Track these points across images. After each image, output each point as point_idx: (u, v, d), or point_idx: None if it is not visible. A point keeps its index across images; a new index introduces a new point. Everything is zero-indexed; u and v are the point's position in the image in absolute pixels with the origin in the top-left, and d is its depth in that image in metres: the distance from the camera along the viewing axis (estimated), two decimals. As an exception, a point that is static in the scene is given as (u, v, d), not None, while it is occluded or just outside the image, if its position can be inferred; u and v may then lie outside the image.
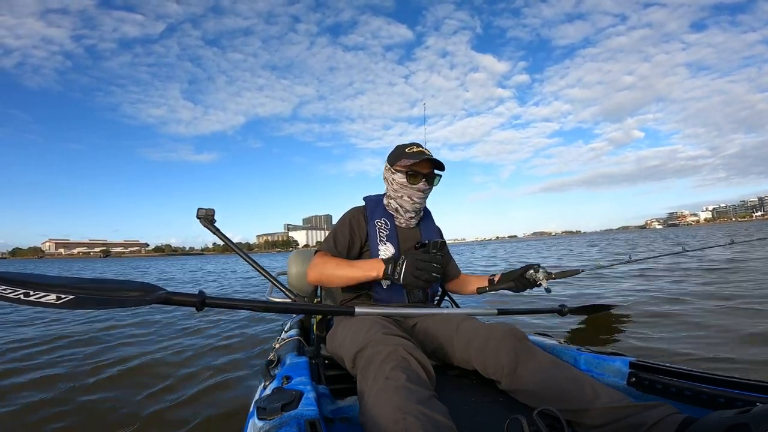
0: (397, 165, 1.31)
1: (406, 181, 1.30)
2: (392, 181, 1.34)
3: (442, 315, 1.22)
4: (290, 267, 1.96)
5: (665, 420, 0.74)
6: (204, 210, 1.62)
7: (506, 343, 1.00)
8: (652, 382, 0.95)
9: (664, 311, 3.07)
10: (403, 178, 1.31)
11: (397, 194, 1.34)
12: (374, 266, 1.17)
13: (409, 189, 1.31)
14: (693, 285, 4.10)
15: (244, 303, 0.97)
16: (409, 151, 1.31)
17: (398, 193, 1.33)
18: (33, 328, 3.82)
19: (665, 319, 2.86)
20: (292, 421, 0.69)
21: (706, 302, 3.24)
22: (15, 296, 0.68)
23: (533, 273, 1.32)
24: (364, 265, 1.20)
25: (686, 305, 3.19)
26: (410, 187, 1.31)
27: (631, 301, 3.50)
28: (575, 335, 2.69)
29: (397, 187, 1.33)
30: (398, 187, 1.32)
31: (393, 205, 1.38)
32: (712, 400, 0.84)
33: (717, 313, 2.85)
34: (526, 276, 1.33)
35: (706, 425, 0.66)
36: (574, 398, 0.85)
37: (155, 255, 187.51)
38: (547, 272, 1.33)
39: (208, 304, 0.84)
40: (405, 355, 0.87)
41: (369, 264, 1.19)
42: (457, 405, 0.96)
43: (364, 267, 1.19)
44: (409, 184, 1.30)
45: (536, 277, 1.31)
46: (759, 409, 0.61)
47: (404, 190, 1.32)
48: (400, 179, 1.31)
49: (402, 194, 1.33)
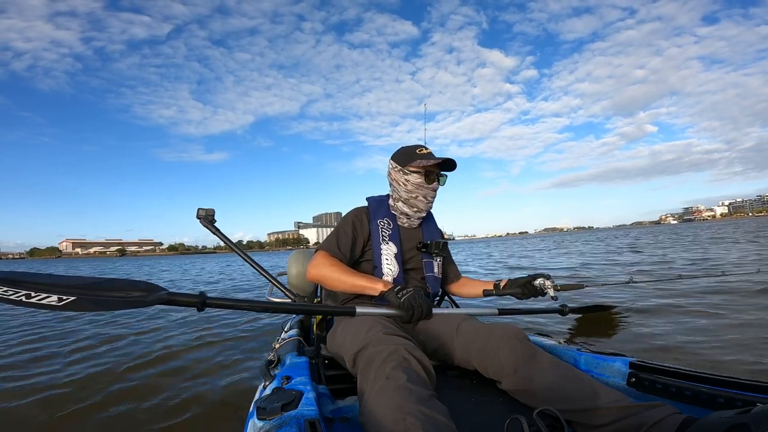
0: (411, 166, 1.33)
1: (423, 181, 1.34)
2: (405, 182, 1.35)
3: (443, 315, 1.22)
4: (290, 267, 1.96)
5: (665, 420, 0.74)
6: (204, 210, 1.61)
7: (507, 344, 1.00)
8: (652, 382, 0.95)
9: (664, 309, 3.07)
10: (420, 179, 1.33)
11: (411, 195, 1.35)
12: (381, 281, 1.19)
13: (425, 189, 1.35)
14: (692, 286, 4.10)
15: (245, 303, 0.97)
16: (420, 153, 1.34)
17: (413, 193, 1.35)
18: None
19: (665, 317, 2.86)
20: (292, 421, 0.69)
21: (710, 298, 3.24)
22: (17, 298, 0.68)
23: (542, 282, 1.37)
24: (371, 279, 1.21)
25: (688, 301, 3.20)
26: (426, 187, 1.34)
27: (630, 301, 3.49)
28: (575, 335, 2.69)
29: (412, 188, 1.34)
30: (413, 187, 1.34)
31: (402, 208, 1.39)
32: (711, 401, 0.84)
33: (717, 311, 2.85)
34: (534, 284, 1.37)
35: (706, 425, 0.66)
36: (575, 398, 0.85)
37: (170, 254, 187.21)
38: (554, 283, 1.39)
39: (209, 304, 0.84)
40: (405, 355, 0.87)
41: (376, 280, 1.21)
42: (457, 405, 0.96)
43: (371, 279, 1.21)
44: (426, 184, 1.34)
45: (545, 286, 1.36)
46: (759, 410, 0.61)
47: (420, 190, 1.35)
48: (416, 180, 1.33)
49: (417, 194, 1.35)
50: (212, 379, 2.15)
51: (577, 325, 2.86)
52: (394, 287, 1.15)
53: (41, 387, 2.09)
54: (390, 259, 1.32)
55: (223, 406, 1.79)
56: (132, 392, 2.00)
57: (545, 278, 1.37)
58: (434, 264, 1.41)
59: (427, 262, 1.40)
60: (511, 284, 1.43)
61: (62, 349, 2.94)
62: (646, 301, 3.51)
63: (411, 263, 1.38)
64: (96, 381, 2.18)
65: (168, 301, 0.80)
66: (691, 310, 3.02)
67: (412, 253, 1.39)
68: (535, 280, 1.37)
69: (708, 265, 5.88)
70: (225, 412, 1.73)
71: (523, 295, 1.40)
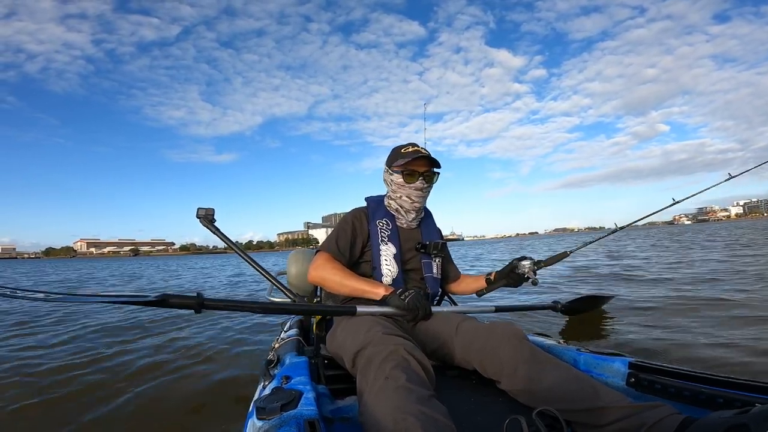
0: (394, 165, 1.33)
1: (403, 180, 1.32)
2: (391, 182, 1.36)
3: (442, 314, 1.22)
4: (290, 267, 1.96)
5: (665, 420, 0.74)
6: (204, 210, 1.61)
7: (506, 343, 1.00)
8: (652, 382, 0.95)
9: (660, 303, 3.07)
10: (401, 178, 1.32)
11: (396, 194, 1.36)
12: (382, 286, 1.21)
13: (407, 188, 1.33)
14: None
15: (244, 304, 0.96)
16: (404, 151, 1.33)
17: (397, 193, 1.35)
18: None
19: (660, 311, 2.86)
20: (292, 421, 0.69)
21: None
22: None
23: (522, 265, 1.35)
24: (372, 283, 1.23)
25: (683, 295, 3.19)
26: (408, 187, 1.33)
27: (624, 292, 3.43)
28: (573, 334, 2.69)
29: (396, 188, 1.35)
30: (396, 187, 1.35)
31: (393, 206, 1.40)
32: (711, 401, 0.84)
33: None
34: (516, 271, 1.37)
35: (706, 425, 0.66)
36: (574, 398, 0.85)
37: (182, 254, 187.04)
38: (534, 261, 1.37)
39: (207, 306, 0.83)
40: (405, 355, 0.87)
41: (377, 284, 1.22)
42: (457, 405, 0.96)
43: (372, 283, 1.22)
44: (407, 183, 1.32)
45: (523, 269, 1.34)
46: (758, 410, 0.61)
47: (402, 189, 1.34)
48: (398, 179, 1.33)
49: (401, 194, 1.35)
50: (211, 379, 2.15)
51: (571, 321, 2.84)
52: (396, 290, 1.16)
53: (43, 387, 2.09)
54: (389, 259, 1.32)
55: (223, 406, 1.79)
56: (129, 392, 1.99)
57: (524, 260, 1.35)
58: (433, 264, 1.41)
59: (426, 262, 1.40)
60: (499, 276, 1.43)
61: (56, 349, 2.93)
62: (643, 291, 3.44)
63: (410, 264, 1.38)
64: (96, 381, 2.17)
65: (163, 302, 0.78)
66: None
67: (411, 254, 1.39)
68: (516, 267, 1.36)
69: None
70: (224, 412, 1.73)
71: (511, 285, 1.40)
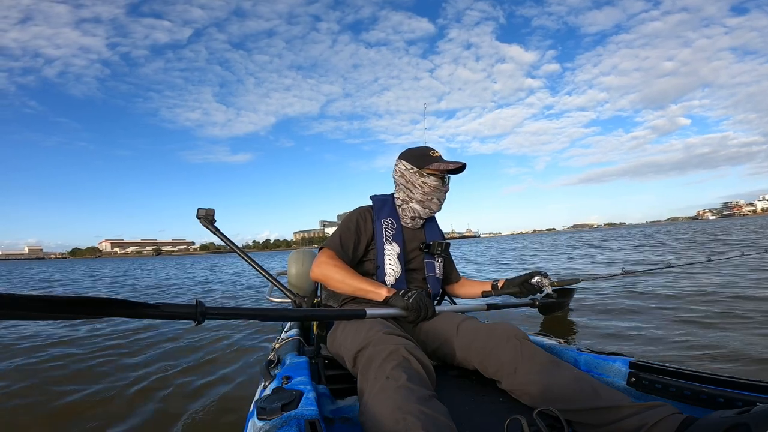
0: (428, 168, 1.34)
1: (439, 184, 1.35)
2: (422, 184, 1.35)
3: (443, 314, 1.22)
4: (290, 267, 1.96)
5: (665, 420, 0.74)
6: (204, 210, 1.61)
7: (507, 343, 1.00)
8: (652, 382, 0.95)
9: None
10: (437, 182, 1.35)
11: (427, 197, 1.36)
12: (384, 287, 1.21)
13: (440, 192, 1.37)
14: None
15: (249, 312, 0.96)
16: (434, 155, 1.35)
17: (429, 195, 1.36)
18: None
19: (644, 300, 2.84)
20: (292, 421, 0.69)
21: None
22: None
23: (540, 280, 1.42)
24: (374, 283, 1.23)
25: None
26: (441, 190, 1.37)
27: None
28: (572, 333, 2.69)
29: (429, 190, 1.35)
30: (430, 190, 1.35)
31: (416, 209, 1.38)
32: (711, 400, 0.84)
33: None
34: (531, 282, 1.43)
35: (706, 425, 0.66)
36: (575, 398, 0.85)
37: (202, 253, 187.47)
38: (551, 280, 1.44)
39: (208, 315, 0.76)
40: (406, 355, 0.87)
41: (379, 285, 1.22)
42: (457, 405, 0.96)
43: (375, 284, 1.22)
44: (441, 186, 1.36)
45: (542, 283, 1.42)
46: (759, 409, 0.61)
47: (436, 192, 1.36)
48: (433, 182, 1.34)
49: (433, 197, 1.37)
50: (211, 379, 2.15)
51: (548, 318, 2.89)
52: (398, 291, 1.16)
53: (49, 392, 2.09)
54: (393, 259, 1.32)
55: (223, 406, 1.79)
56: (129, 392, 1.99)
57: (542, 276, 1.43)
58: (435, 265, 1.42)
59: (429, 262, 1.40)
60: (508, 284, 1.47)
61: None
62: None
63: (413, 263, 1.39)
64: (89, 380, 2.18)
65: (160, 315, 0.69)
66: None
67: (415, 254, 1.40)
68: (532, 278, 1.43)
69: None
70: (225, 412, 1.73)
71: (521, 294, 1.45)
